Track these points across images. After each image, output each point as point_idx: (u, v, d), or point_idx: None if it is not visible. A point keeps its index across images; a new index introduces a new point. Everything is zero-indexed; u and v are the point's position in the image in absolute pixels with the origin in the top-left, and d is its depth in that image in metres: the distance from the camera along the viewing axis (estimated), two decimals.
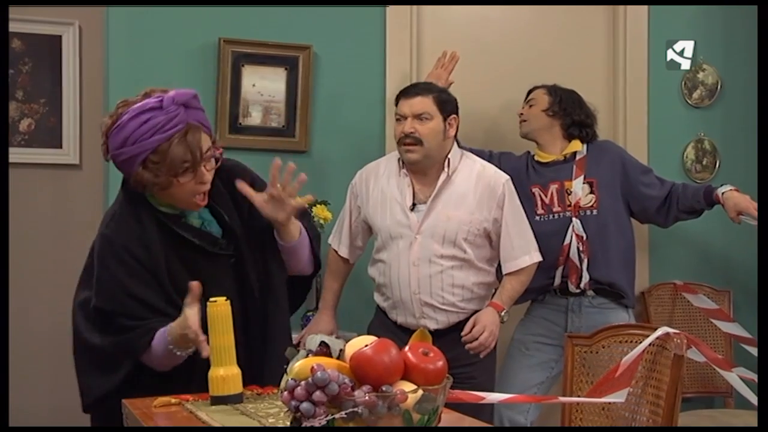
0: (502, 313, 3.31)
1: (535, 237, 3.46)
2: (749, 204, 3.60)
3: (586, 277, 3.67)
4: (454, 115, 3.32)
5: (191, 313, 2.21)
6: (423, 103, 3.27)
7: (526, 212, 3.46)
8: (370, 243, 3.49)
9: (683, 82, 4.41)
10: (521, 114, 3.84)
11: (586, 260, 3.66)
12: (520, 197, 3.44)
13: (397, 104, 3.34)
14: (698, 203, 3.76)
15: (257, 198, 2.47)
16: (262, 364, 2.42)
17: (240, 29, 3.75)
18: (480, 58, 4.15)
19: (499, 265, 3.40)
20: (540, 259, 3.42)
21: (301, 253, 2.61)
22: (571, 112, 3.78)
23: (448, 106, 3.31)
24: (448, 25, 4.13)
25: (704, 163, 4.45)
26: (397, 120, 3.32)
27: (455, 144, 3.39)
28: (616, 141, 4.23)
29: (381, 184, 3.37)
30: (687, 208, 3.78)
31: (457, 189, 3.31)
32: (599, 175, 3.74)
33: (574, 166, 3.74)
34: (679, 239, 4.38)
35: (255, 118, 3.79)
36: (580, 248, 3.66)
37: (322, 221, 3.53)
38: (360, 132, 3.95)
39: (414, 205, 3.31)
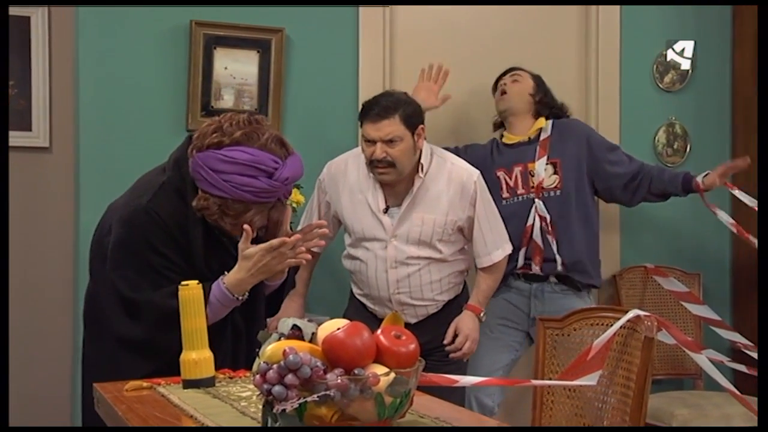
0: (481, 315, 3.37)
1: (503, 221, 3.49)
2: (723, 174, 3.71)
3: (552, 259, 3.69)
4: (421, 125, 3.24)
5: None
6: (391, 127, 3.15)
7: (493, 198, 3.48)
8: (341, 232, 3.49)
9: (655, 67, 4.43)
10: (504, 85, 3.82)
11: (554, 241, 3.68)
12: (486, 182, 3.45)
13: (361, 125, 3.25)
14: (675, 188, 3.78)
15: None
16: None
17: (212, 11, 3.72)
18: (451, 45, 4.15)
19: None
20: (511, 249, 3.45)
21: (269, 290, 2.64)
22: (551, 104, 3.83)
23: (414, 119, 3.21)
24: (421, 11, 4.12)
25: (675, 146, 4.47)
26: (366, 141, 3.22)
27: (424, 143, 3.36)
28: (588, 124, 4.25)
29: (350, 184, 3.35)
30: (659, 192, 3.80)
31: (430, 191, 3.30)
32: (563, 155, 3.75)
33: (538, 147, 3.75)
34: (650, 223, 4.42)
35: (227, 101, 3.77)
36: (544, 229, 3.68)
37: (294, 204, 3.52)
38: (333, 115, 3.94)
39: (387, 208, 3.30)
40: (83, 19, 3.60)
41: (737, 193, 3.96)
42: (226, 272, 2.42)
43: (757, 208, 3.82)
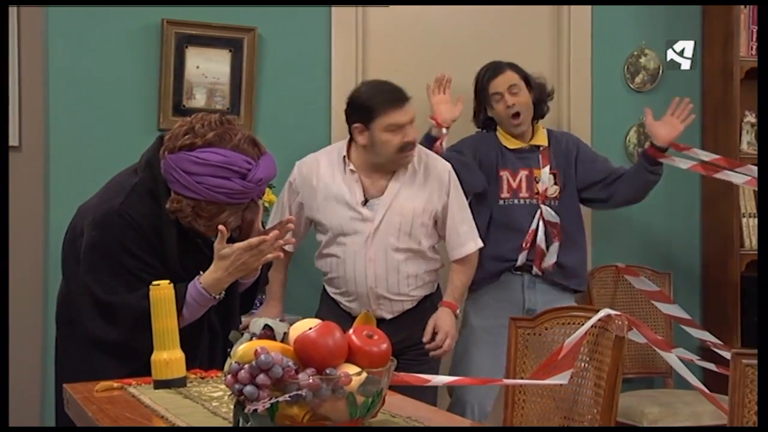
0: (457, 312, 3.40)
1: (497, 220, 3.56)
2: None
3: (550, 260, 3.73)
4: None
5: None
6: (411, 109, 3.27)
7: (487, 194, 3.51)
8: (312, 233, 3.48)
9: (626, 67, 4.45)
10: (509, 106, 3.74)
11: (557, 245, 3.72)
12: (488, 179, 3.50)
13: (378, 115, 3.23)
14: (640, 167, 3.80)
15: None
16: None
17: (183, 10, 3.70)
18: (423, 44, 4.16)
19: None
20: (481, 245, 3.46)
21: (242, 288, 2.63)
22: (543, 99, 3.86)
23: None
24: (394, 11, 4.12)
25: (646, 147, 4.49)
26: (390, 131, 3.23)
27: None
28: (560, 125, 4.28)
29: (325, 181, 3.34)
30: (632, 180, 3.82)
31: (413, 180, 3.34)
32: (561, 167, 3.81)
33: (540, 156, 3.79)
34: (621, 223, 4.44)
35: (199, 100, 3.75)
36: (551, 234, 3.71)
37: (267, 204, 3.51)
38: (305, 114, 3.93)
39: (366, 201, 3.31)
40: (54, 18, 3.58)
41: (693, 152, 3.96)
42: (201, 272, 2.41)
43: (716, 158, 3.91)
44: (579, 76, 4.37)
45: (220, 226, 2.34)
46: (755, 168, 3.73)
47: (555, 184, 3.78)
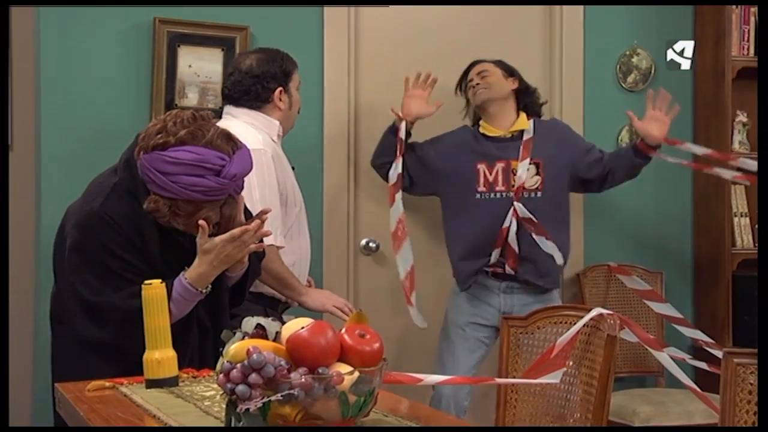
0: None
1: (473, 215, 3.62)
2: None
3: (527, 260, 3.71)
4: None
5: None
6: None
7: (466, 189, 3.58)
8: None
9: (618, 67, 4.46)
10: (477, 84, 3.79)
11: (542, 238, 3.68)
12: (461, 173, 3.53)
13: (295, 72, 3.27)
14: (629, 159, 3.80)
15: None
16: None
17: (176, 9, 3.70)
18: (415, 44, 4.16)
19: None
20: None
21: (232, 281, 2.63)
22: (523, 79, 3.86)
23: None
24: (386, 11, 4.11)
25: (637, 142, 4.49)
26: (297, 90, 3.27)
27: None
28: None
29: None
30: (622, 169, 3.83)
31: None
32: (545, 155, 3.75)
33: (521, 147, 3.74)
34: (613, 222, 4.45)
35: (191, 99, 3.75)
36: (527, 229, 3.67)
37: None
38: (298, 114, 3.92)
39: None
40: (45, 17, 3.57)
41: (686, 146, 3.97)
42: (186, 268, 2.41)
43: (709, 152, 3.93)
44: (571, 76, 4.37)
45: (201, 222, 2.34)
46: (750, 162, 3.74)
47: (537, 174, 3.72)
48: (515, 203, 3.68)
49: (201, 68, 3.75)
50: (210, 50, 3.76)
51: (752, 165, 3.66)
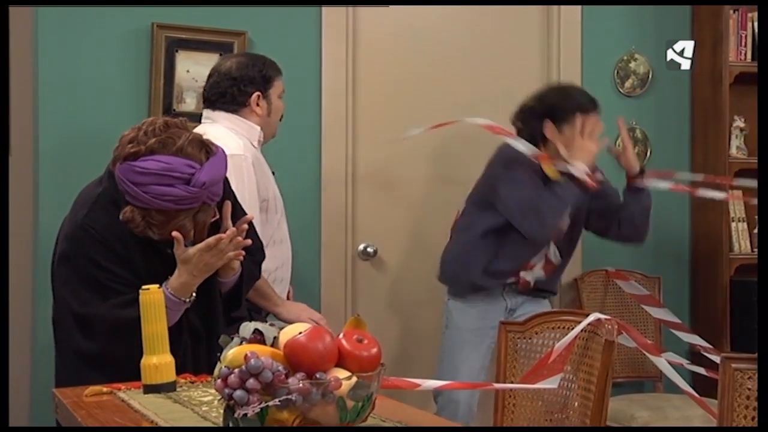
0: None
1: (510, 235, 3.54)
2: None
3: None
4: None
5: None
6: None
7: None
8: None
9: (615, 72, 4.46)
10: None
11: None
12: None
13: (277, 79, 3.21)
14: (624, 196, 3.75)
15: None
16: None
17: (173, 14, 3.70)
18: (414, 46, 4.18)
19: None
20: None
21: (228, 286, 2.61)
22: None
23: None
24: (384, 14, 4.12)
25: (636, 151, 4.50)
26: (280, 98, 3.23)
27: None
28: None
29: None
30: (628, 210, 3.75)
31: None
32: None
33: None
34: None
35: (189, 104, 3.75)
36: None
37: None
38: (295, 117, 3.92)
39: None
40: (43, 21, 3.57)
41: (677, 177, 3.93)
42: (169, 277, 2.40)
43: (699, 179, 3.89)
44: (568, 80, 4.37)
45: (174, 233, 2.33)
46: (748, 181, 3.71)
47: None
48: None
49: (199, 73, 3.74)
50: (208, 55, 3.76)
51: (751, 182, 3.62)
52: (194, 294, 2.43)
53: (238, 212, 2.57)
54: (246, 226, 2.48)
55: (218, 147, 2.39)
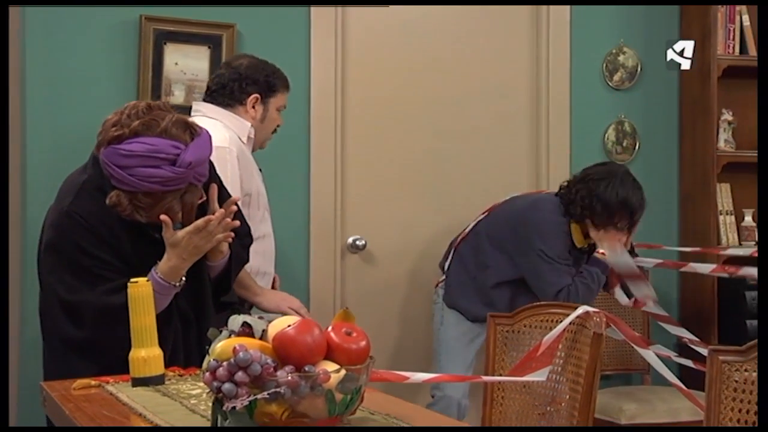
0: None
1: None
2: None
3: None
4: None
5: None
6: None
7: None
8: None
9: (604, 65, 4.47)
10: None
11: None
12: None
13: (281, 92, 3.25)
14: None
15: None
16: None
17: (162, 6, 3.69)
18: (402, 44, 4.18)
19: None
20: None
21: (217, 270, 2.61)
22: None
23: None
24: (373, 10, 4.12)
25: (624, 144, 4.52)
26: (277, 111, 3.26)
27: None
28: (539, 124, 4.30)
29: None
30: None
31: None
32: None
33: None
34: None
35: (178, 96, 3.74)
36: None
37: None
38: (285, 112, 3.91)
39: None
40: (30, 14, 3.55)
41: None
42: (158, 261, 2.40)
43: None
44: (557, 74, 4.38)
45: (162, 216, 2.32)
46: (750, 269, 3.69)
47: None
48: None
49: (187, 66, 3.74)
50: (196, 48, 3.75)
51: (752, 270, 3.61)
52: (184, 278, 2.42)
53: (224, 195, 2.56)
54: (234, 207, 2.47)
55: (202, 128, 2.39)
